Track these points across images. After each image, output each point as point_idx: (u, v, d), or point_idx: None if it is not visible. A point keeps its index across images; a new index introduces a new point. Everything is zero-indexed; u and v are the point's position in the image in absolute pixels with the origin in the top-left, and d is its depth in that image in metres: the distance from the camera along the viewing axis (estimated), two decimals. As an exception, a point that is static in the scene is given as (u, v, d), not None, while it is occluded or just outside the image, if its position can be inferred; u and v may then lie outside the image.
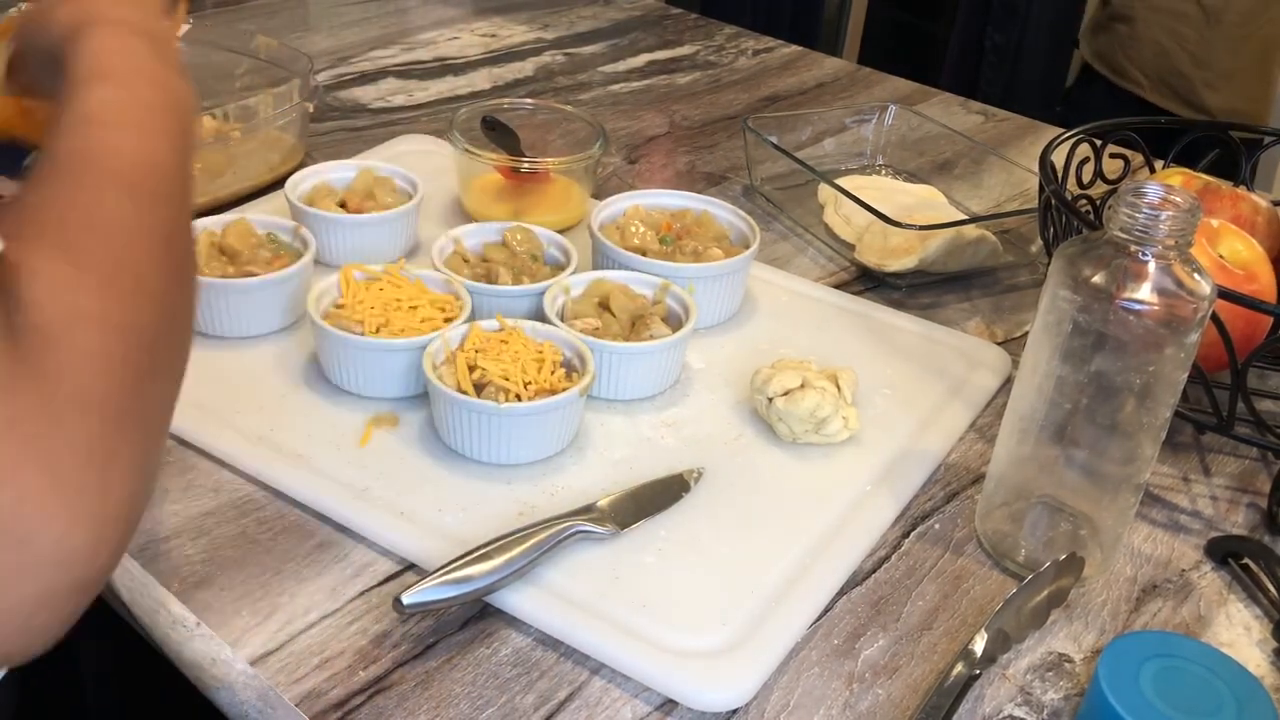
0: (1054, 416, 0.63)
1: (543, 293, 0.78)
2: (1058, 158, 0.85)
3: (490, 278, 0.81)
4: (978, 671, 0.59)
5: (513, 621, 0.60)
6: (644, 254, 0.85)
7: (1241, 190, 0.86)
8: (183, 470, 0.68)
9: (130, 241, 0.40)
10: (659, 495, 0.68)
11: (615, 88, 1.36)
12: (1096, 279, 0.58)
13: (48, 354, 0.33)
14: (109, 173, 0.42)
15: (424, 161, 1.04)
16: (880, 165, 1.19)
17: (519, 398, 0.68)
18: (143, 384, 0.37)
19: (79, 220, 0.39)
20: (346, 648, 0.58)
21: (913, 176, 1.17)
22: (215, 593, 0.60)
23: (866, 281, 0.97)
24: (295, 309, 0.80)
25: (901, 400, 0.79)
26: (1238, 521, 0.73)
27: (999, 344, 0.88)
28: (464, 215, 0.98)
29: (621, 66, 1.43)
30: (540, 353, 0.72)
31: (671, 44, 1.53)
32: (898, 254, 0.94)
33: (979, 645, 0.60)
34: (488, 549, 0.59)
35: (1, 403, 0.31)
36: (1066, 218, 0.77)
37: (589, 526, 0.63)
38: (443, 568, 0.58)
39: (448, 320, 0.75)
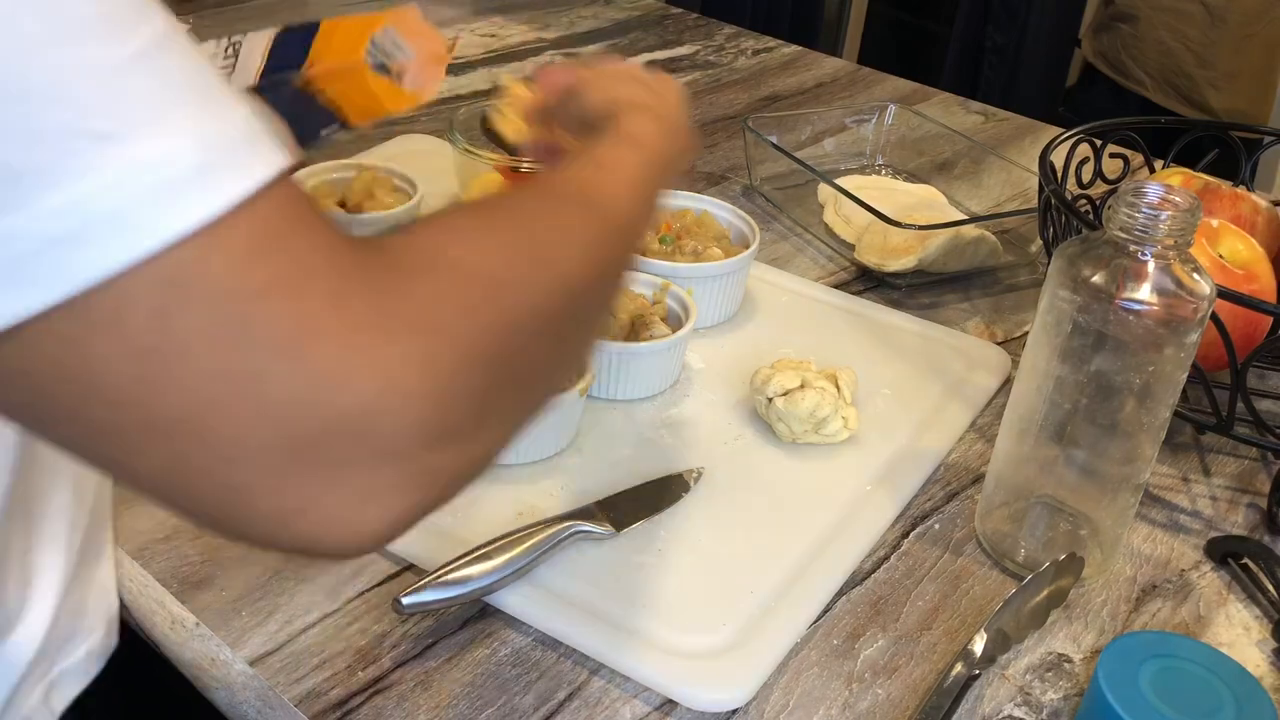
0: (1054, 416, 0.63)
1: (542, 293, 0.78)
2: (1057, 158, 0.85)
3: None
4: (977, 672, 0.59)
5: (512, 622, 0.60)
6: (644, 254, 0.85)
7: (1241, 190, 0.86)
8: (182, 470, 0.68)
9: (555, 232, 0.43)
10: (659, 495, 0.68)
11: (615, 88, 1.36)
12: (1096, 279, 0.58)
13: (404, 283, 0.35)
14: (579, 193, 0.46)
15: (424, 161, 1.04)
16: (880, 165, 1.19)
17: (518, 398, 0.68)
18: (504, 334, 0.38)
19: (516, 205, 0.43)
20: (346, 648, 0.58)
21: (912, 176, 1.17)
22: (214, 593, 0.60)
23: (866, 281, 0.97)
24: (295, 309, 0.80)
25: (901, 400, 0.79)
26: (1237, 521, 0.73)
27: (999, 344, 0.88)
28: (464, 215, 0.98)
29: (621, 66, 1.43)
30: (540, 353, 0.72)
31: (671, 44, 1.53)
32: (897, 254, 0.94)
33: (978, 645, 0.60)
34: (487, 549, 0.59)
35: (338, 313, 0.33)
36: (1066, 218, 0.77)
37: (588, 527, 0.63)
38: (442, 568, 0.58)
39: (447, 320, 0.75)
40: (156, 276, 0.31)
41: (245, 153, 0.33)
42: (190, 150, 0.31)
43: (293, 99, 0.60)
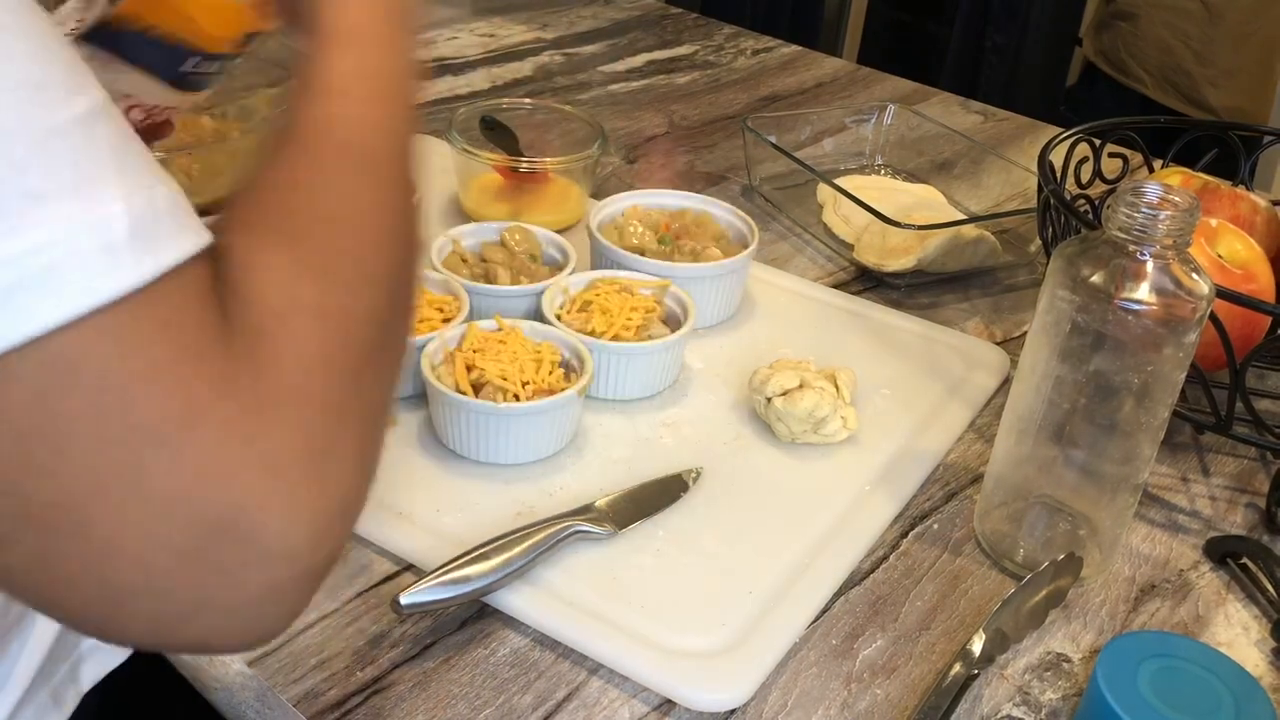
0: (1052, 416, 0.63)
1: (541, 293, 0.78)
2: (1056, 157, 0.85)
3: (489, 278, 0.81)
4: (976, 671, 0.59)
5: (511, 622, 0.60)
6: (643, 254, 0.85)
7: (1240, 190, 0.86)
8: (181, 470, 0.68)
9: (359, 226, 0.40)
10: (657, 495, 0.68)
11: (614, 87, 1.36)
12: (1095, 279, 0.58)
13: (264, 350, 0.34)
14: (345, 147, 0.42)
15: (423, 161, 1.04)
16: (879, 165, 1.19)
17: (517, 398, 0.68)
18: (361, 375, 0.37)
19: (308, 207, 0.39)
20: (344, 648, 0.58)
21: (912, 176, 1.17)
22: (213, 593, 0.60)
23: (865, 281, 0.97)
24: (294, 309, 0.80)
25: (900, 400, 0.79)
26: (1236, 521, 0.73)
27: (998, 344, 0.88)
28: (462, 215, 0.98)
29: (620, 66, 1.43)
30: (538, 353, 0.72)
31: (671, 44, 1.53)
32: (896, 254, 0.94)
33: (977, 645, 0.60)
34: (486, 549, 0.59)
35: (220, 402, 0.32)
36: (1065, 217, 0.77)
37: (587, 527, 0.63)
38: (441, 568, 0.58)
39: (446, 320, 0.75)
40: (46, 355, 0.29)
41: (167, 227, 0.32)
42: (121, 217, 0.30)
43: (134, 41, 0.57)
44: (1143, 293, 0.58)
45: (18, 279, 0.29)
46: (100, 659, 0.58)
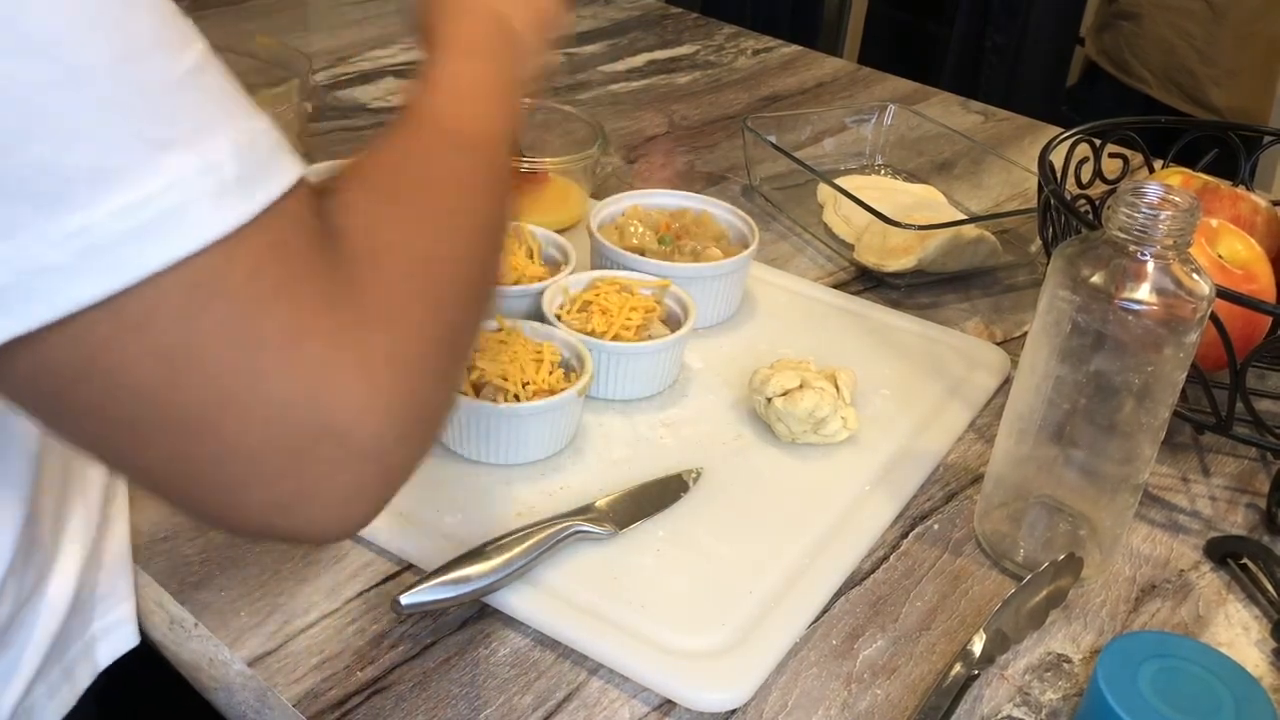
0: (1053, 416, 0.63)
1: (541, 293, 0.78)
2: (1057, 157, 0.85)
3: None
4: (976, 672, 0.59)
5: (511, 622, 0.60)
6: (643, 254, 0.85)
7: (1241, 190, 0.86)
8: (181, 470, 0.68)
9: (453, 192, 0.46)
10: (657, 495, 0.68)
11: (614, 87, 1.36)
12: (1095, 279, 0.58)
13: (361, 276, 0.38)
14: (449, 131, 0.48)
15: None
16: (880, 165, 1.19)
17: (517, 398, 0.68)
18: (443, 306, 0.42)
19: (410, 171, 0.45)
20: (345, 648, 0.58)
21: (912, 176, 1.17)
22: (213, 593, 0.60)
23: (865, 281, 0.97)
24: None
25: (900, 400, 0.79)
26: (1237, 521, 0.73)
27: (998, 344, 0.88)
28: (463, 215, 0.98)
29: (621, 66, 1.43)
30: (539, 353, 0.72)
31: (671, 44, 1.53)
32: (897, 254, 0.94)
33: (977, 645, 0.60)
34: (486, 549, 0.59)
35: (324, 318, 0.36)
36: (1065, 217, 0.77)
37: (587, 527, 0.63)
38: (441, 568, 0.58)
39: (446, 320, 0.75)
40: (186, 278, 0.34)
41: (271, 163, 0.36)
42: (230, 160, 0.34)
43: None
44: (1143, 293, 0.57)
45: (155, 215, 0.33)
46: (117, 638, 0.59)
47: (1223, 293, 0.63)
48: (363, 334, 0.37)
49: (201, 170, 0.33)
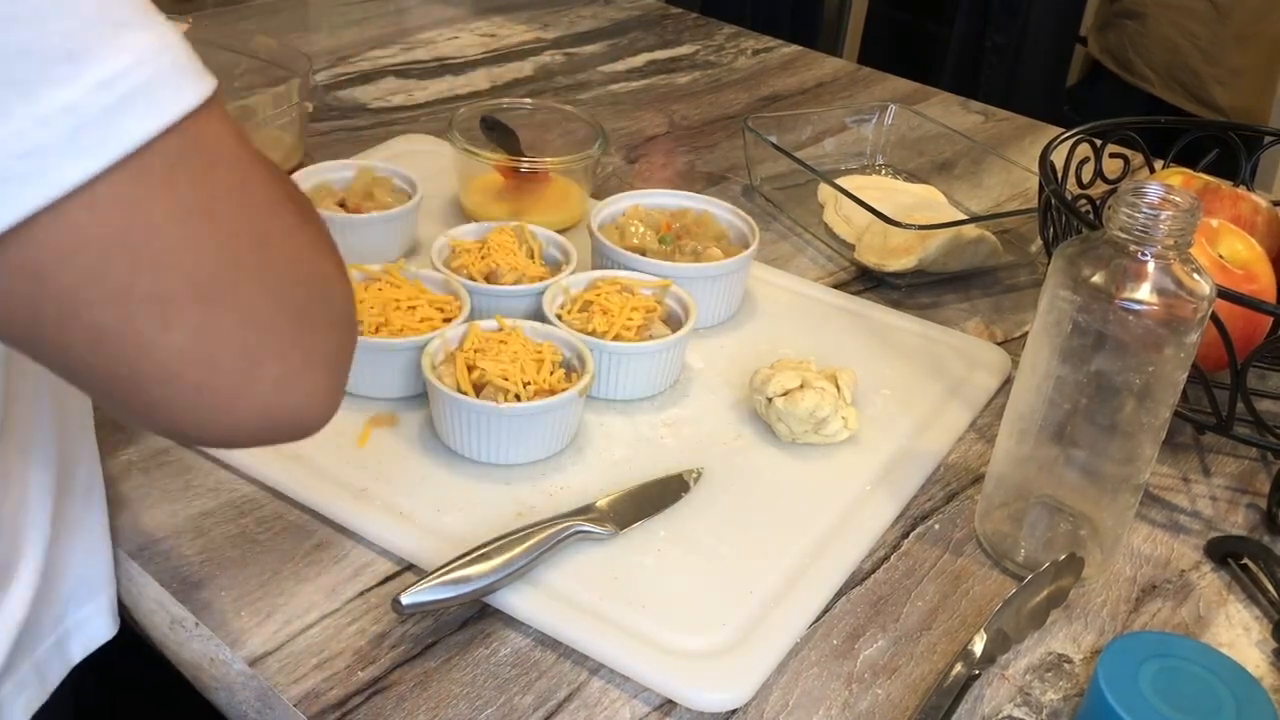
0: (1053, 416, 0.63)
1: (542, 293, 0.78)
2: (1057, 157, 0.85)
3: (490, 278, 0.81)
4: (977, 672, 0.59)
5: (511, 622, 0.60)
6: (643, 254, 0.85)
7: (1241, 190, 0.86)
8: (181, 470, 0.68)
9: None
10: (658, 495, 0.68)
11: (615, 87, 1.36)
12: (1096, 279, 0.58)
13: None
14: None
15: (423, 161, 1.04)
16: (880, 165, 1.19)
17: (518, 398, 0.68)
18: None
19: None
20: (345, 648, 0.58)
21: (913, 176, 1.17)
22: (214, 593, 0.60)
23: (866, 281, 0.97)
24: (294, 309, 0.80)
25: (901, 400, 0.79)
26: (1237, 522, 0.73)
27: (998, 344, 0.88)
28: (463, 215, 0.98)
29: (621, 66, 1.43)
30: (539, 353, 0.72)
31: (671, 44, 1.53)
32: (897, 254, 0.94)
33: (978, 645, 0.60)
34: (486, 549, 0.59)
35: (295, 193, 0.41)
36: (1066, 217, 0.77)
37: (588, 527, 0.63)
38: (442, 568, 0.58)
39: (447, 320, 0.75)
40: (191, 140, 0.35)
41: (199, 64, 0.38)
42: (179, 44, 0.36)
43: None
44: (1144, 293, 0.57)
45: (133, 88, 0.34)
46: (91, 629, 0.58)
47: (1223, 293, 0.63)
48: (314, 212, 0.42)
49: (159, 50, 0.35)
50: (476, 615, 0.60)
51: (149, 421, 0.40)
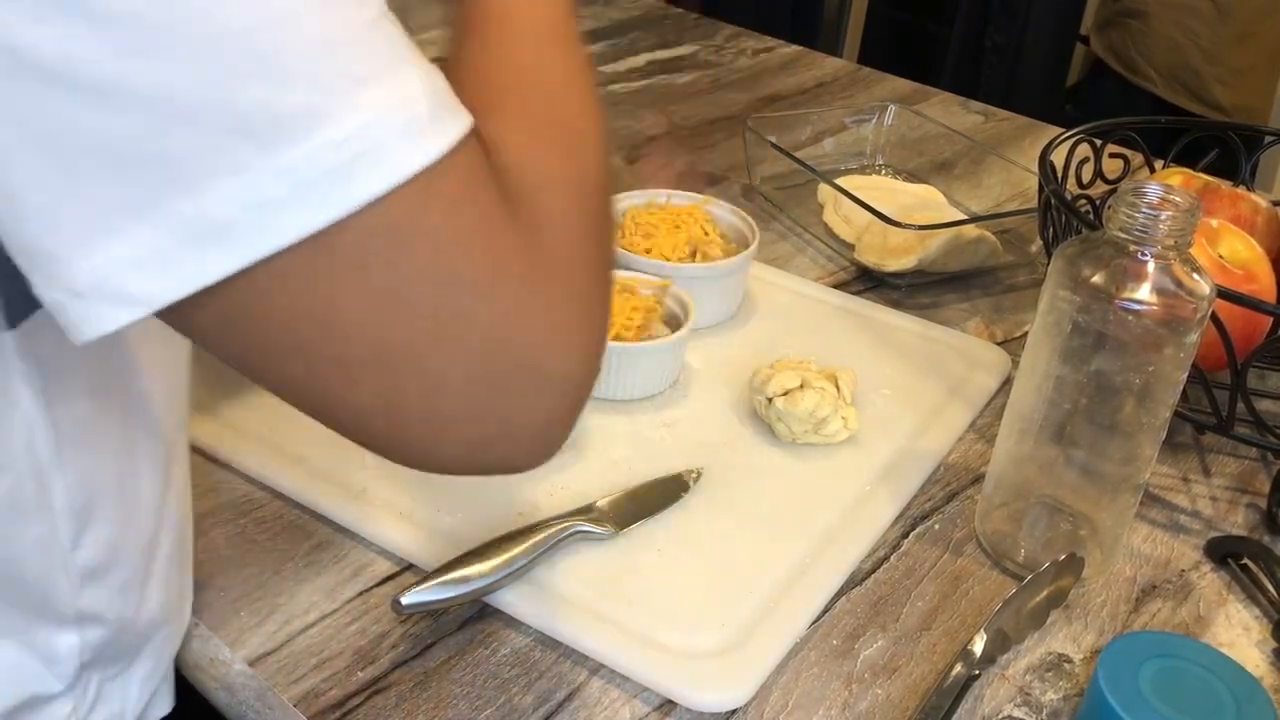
0: (1053, 417, 0.63)
1: (542, 293, 0.78)
2: (1057, 157, 0.85)
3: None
4: (977, 672, 0.59)
5: (511, 622, 0.60)
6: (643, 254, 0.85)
7: (1241, 190, 0.86)
8: (181, 470, 0.68)
9: (564, 96, 0.46)
10: (658, 495, 0.68)
11: (615, 87, 1.36)
12: (1096, 279, 0.58)
13: (533, 214, 0.40)
14: (529, 22, 0.47)
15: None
16: (880, 165, 1.19)
17: (518, 398, 0.68)
18: (598, 230, 0.43)
19: (520, 82, 0.45)
20: (345, 648, 0.58)
21: (912, 176, 1.17)
22: (213, 593, 0.60)
23: (866, 281, 0.97)
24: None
25: (901, 400, 0.79)
26: (1237, 522, 0.73)
27: (998, 344, 0.88)
28: (463, 215, 0.98)
29: (621, 66, 1.43)
30: (539, 353, 0.72)
31: (671, 44, 1.53)
32: (897, 254, 0.94)
33: (978, 645, 0.60)
34: (486, 549, 0.59)
35: (516, 257, 0.38)
36: (1066, 217, 0.77)
37: (588, 527, 0.63)
38: (441, 568, 0.58)
39: (447, 320, 0.75)
40: (390, 215, 0.34)
41: (453, 102, 0.37)
42: (422, 98, 0.35)
43: None
44: (1144, 293, 0.57)
45: (360, 150, 0.33)
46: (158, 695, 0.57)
47: (1223, 293, 0.63)
48: (547, 273, 0.39)
49: (398, 106, 0.34)
50: (476, 615, 0.60)
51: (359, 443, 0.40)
